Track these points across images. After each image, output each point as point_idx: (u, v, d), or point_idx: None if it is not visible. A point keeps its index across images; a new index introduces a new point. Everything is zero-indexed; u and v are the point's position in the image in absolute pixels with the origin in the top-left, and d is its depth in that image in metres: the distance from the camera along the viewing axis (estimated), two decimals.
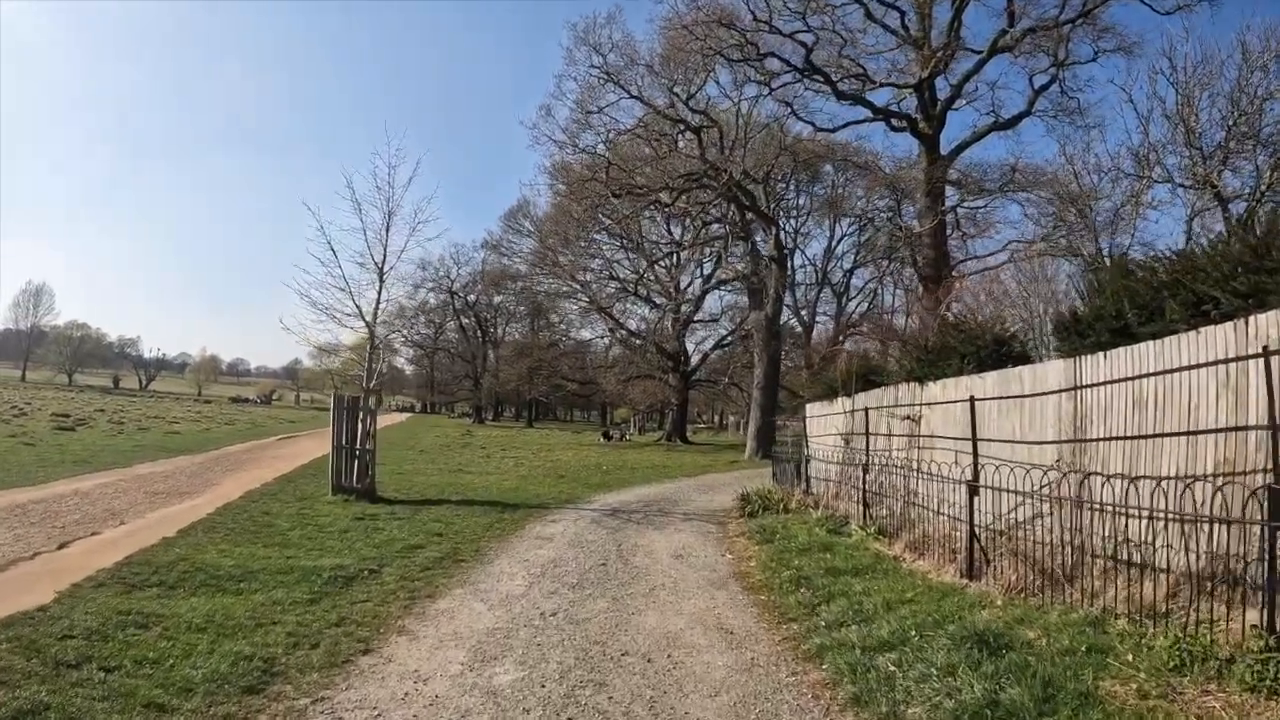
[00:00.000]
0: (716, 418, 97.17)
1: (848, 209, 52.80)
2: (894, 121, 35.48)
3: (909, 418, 13.33)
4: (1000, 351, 11.55)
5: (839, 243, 54.83)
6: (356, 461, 16.71)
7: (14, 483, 16.44)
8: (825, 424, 18.41)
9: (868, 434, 14.82)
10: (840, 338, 53.91)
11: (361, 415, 16.94)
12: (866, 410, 15.02)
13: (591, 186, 41.00)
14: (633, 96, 37.95)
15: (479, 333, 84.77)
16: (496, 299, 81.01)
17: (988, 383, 10.88)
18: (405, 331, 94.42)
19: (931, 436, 12.47)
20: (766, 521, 14.63)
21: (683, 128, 38.90)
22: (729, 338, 58.69)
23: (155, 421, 46.85)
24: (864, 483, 13.58)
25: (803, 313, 55.42)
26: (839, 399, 17.48)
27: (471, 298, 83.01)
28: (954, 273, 33.70)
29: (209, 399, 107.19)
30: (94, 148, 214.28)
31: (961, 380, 11.68)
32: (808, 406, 20.85)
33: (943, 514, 10.56)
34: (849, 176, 49.32)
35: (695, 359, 59.50)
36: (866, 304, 55.92)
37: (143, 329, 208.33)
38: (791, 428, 24.97)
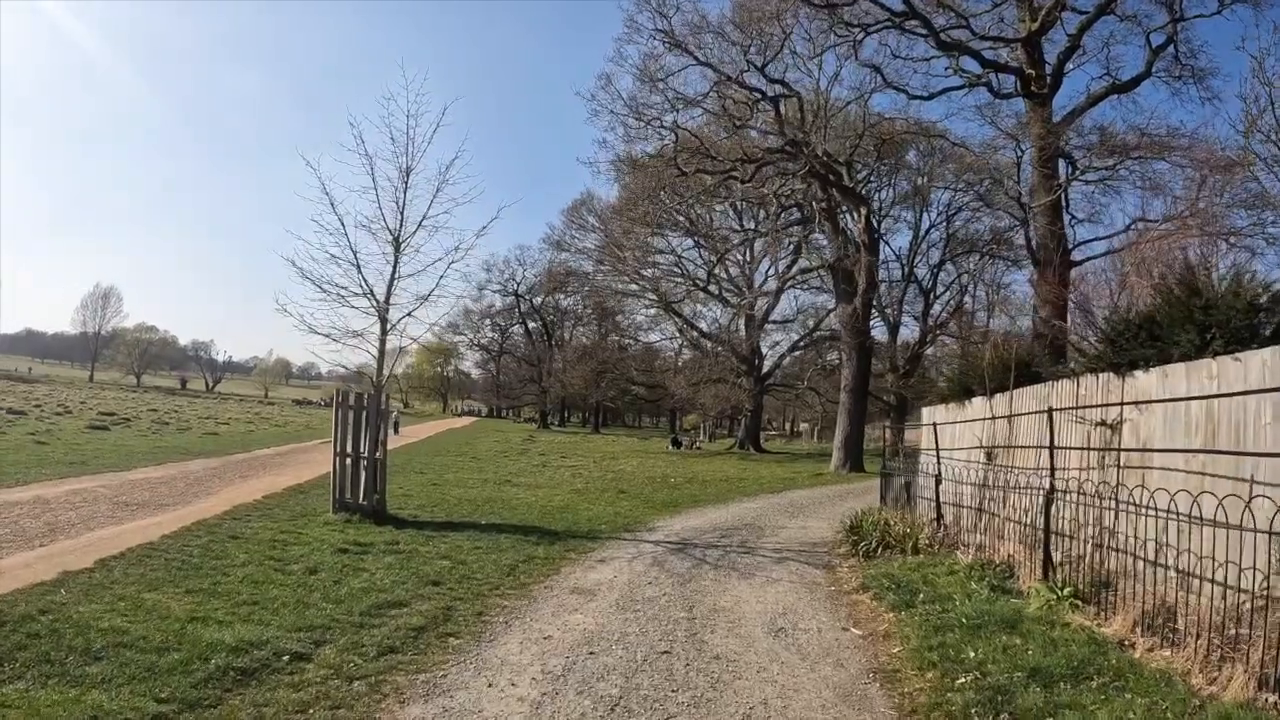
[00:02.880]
0: (787, 424, 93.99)
1: (935, 199, 49.44)
2: (999, 81, 31.23)
3: (1104, 423, 9.57)
4: (1252, 324, 7.82)
5: (925, 235, 51.20)
6: (364, 473, 13.87)
7: None
8: (956, 433, 14.50)
9: (1053, 446, 10.72)
10: (928, 339, 51.52)
11: (369, 417, 14.09)
12: (1050, 412, 10.90)
13: (657, 166, 38.01)
14: (701, 63, 34.59)
15: (545, 336, 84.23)
16: (563, 301, 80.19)
17: (1253, 366, 7.17)
18: (470, 335, 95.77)
19: (1145, 450, 8.69)
20: (894, 568, 10.91)
21: (759, 97, 35.40)
22: (806, 339, 55.88)
23: (205, 422, 46.63)
24: (1047, 518, 9.73)
25: (888, 311, 51.69)
26: (973, 401, 13.78)
27: (537, 300, 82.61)
28: (1071, 256, 30.48)
29: (273, 401, 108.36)
30: (160, 153, 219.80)
31: (1201, 365, 7.92)
32: (926, 411, 17.02)
33: (1194, 575, 6.90)
34: (937, 161, 45.48)
35: (770, 362, 56.67)
36: (955, 302, 52.48)
37: (216, 333, 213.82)
38: (894, 436, 21.26)
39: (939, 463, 13.98)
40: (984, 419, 13.07)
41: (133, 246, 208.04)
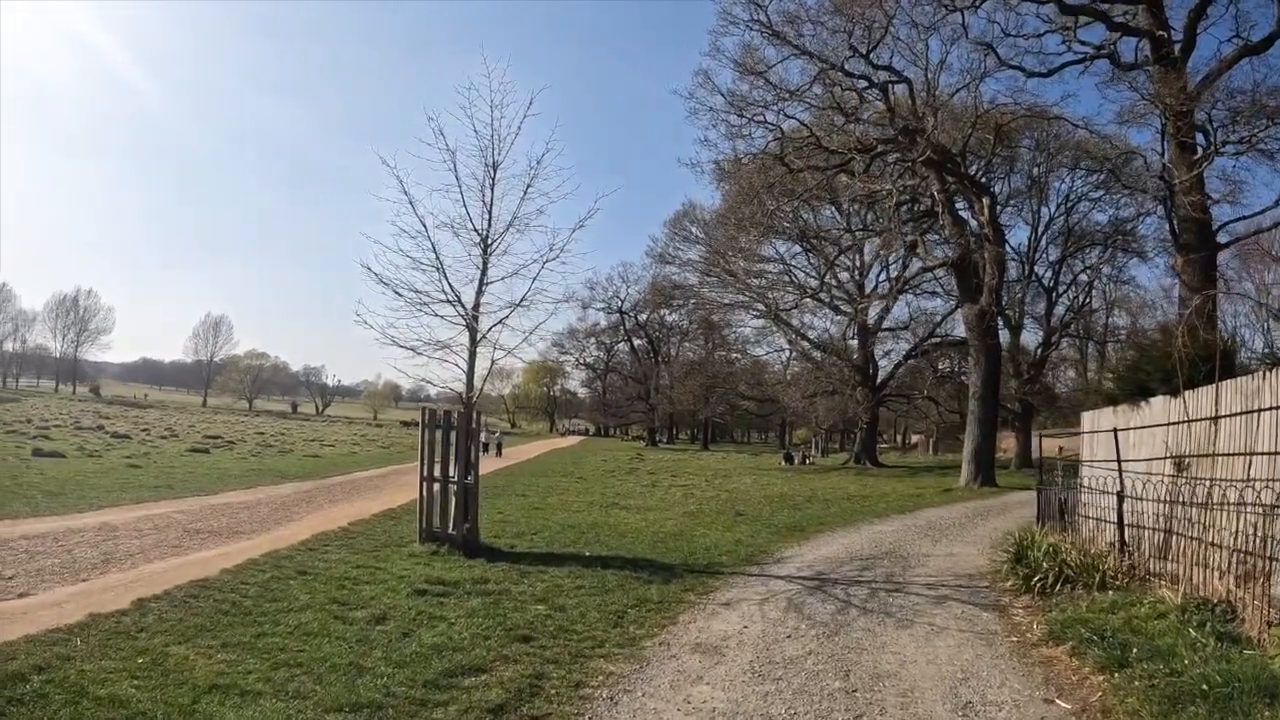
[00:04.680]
0: (899, 437, 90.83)
1: (1054, 189, 47.05)
2: (1123, 50, 28.74)
3: None
4: None
5: (1045, 229, 48.49)
6: (454, 500, 12.56)
7: (53, 509, 14.84)
8: (1131, 441, 12.28)
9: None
10: (1052, 341, 49.22)
11: (460, 437, 12.83)
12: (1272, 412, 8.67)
13: (763, 163, 36.24)
14: (803, 52, 32.77)
15: (651, 352, 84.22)
16: (668, 317, 79.76)
17: None
18: (576, 354, 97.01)
19: None
20: (1083, 609, 8.91)
21: (866, 84, 33.41)
22: (920, 345, 53.08)
23: (310, 444, 46.85)
24: None
25: (1009, 313, 48.58)
26: (1152, 402, 11.54)
27: (642, 317, 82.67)
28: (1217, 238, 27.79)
29: (381, 423, 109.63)
30: (267, 183, 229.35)
31: None
32: (1088, 417, 14.80)
33: None
34: (1054, 149, 43.24)
35: (884, 371, 54.28)
36: (1079, 300, 49.96)
37: (327, 359, 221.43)
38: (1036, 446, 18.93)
39: (1120, 476, 11.74)
40: (1171, 423, 10.86)
41: (243, 278, 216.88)
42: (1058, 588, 10.26)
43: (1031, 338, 50.81)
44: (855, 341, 51.48)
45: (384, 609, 8.45)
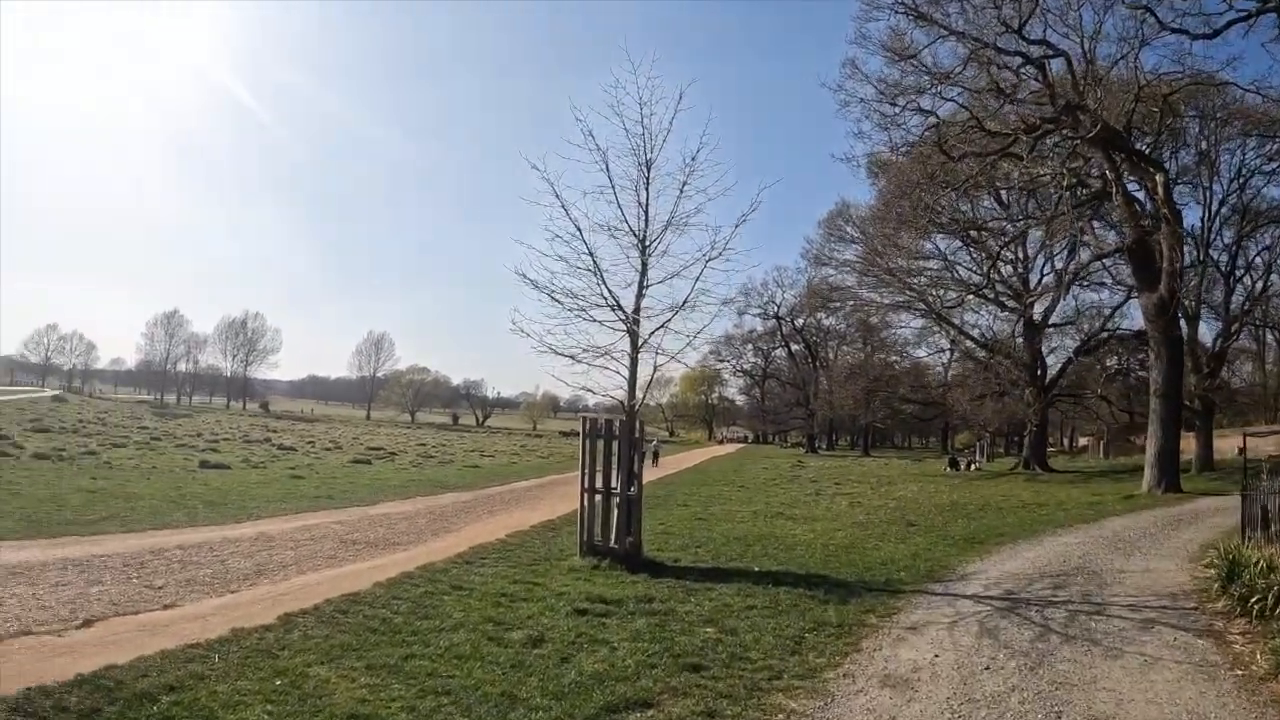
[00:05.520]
0: (1066, 439, 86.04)
1: (1224, 163, 42.75)
2: None
3: None
4: None
5: (1219, 209, 44.11)
6: (616, 512, 12.01)
7: (212, 520, 15.09)
8: None
9: None
10: (1231, 331, 45.28)
11: (622, 446, 12.28)
12: None
13: (920, 152, 34.73)
14: (952, 32, 30.99)
15: (809, 357, 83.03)
16: (825, 320, 78.11)
17: None
18: (733, 361, 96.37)
19: None
20: None
21: (1021, 61, 31.33)
22: (1091, 340, 49.87)
23: (470, 455, 47.68)
24: None
25: (1186, 303, 44.83)
26: None
27: (799, 321, 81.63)
28: None
29: (540, 433, 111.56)
30: (426, 208, 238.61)
31: None
32: None
33: None
34: (1221, 120, 39.58)
35: (1053, 369, 51.29)
36: (1260, 284, 45.47)
37: (486, 373, 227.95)
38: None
39: None
40: None
41: (404, 297, 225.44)
42: (1279, 610, 8.89)
43: (1206, 329, 46.91)
44: (1022, 339, 48.89)
45: (542, 630, 7.89)
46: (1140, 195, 34.16)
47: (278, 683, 6.04)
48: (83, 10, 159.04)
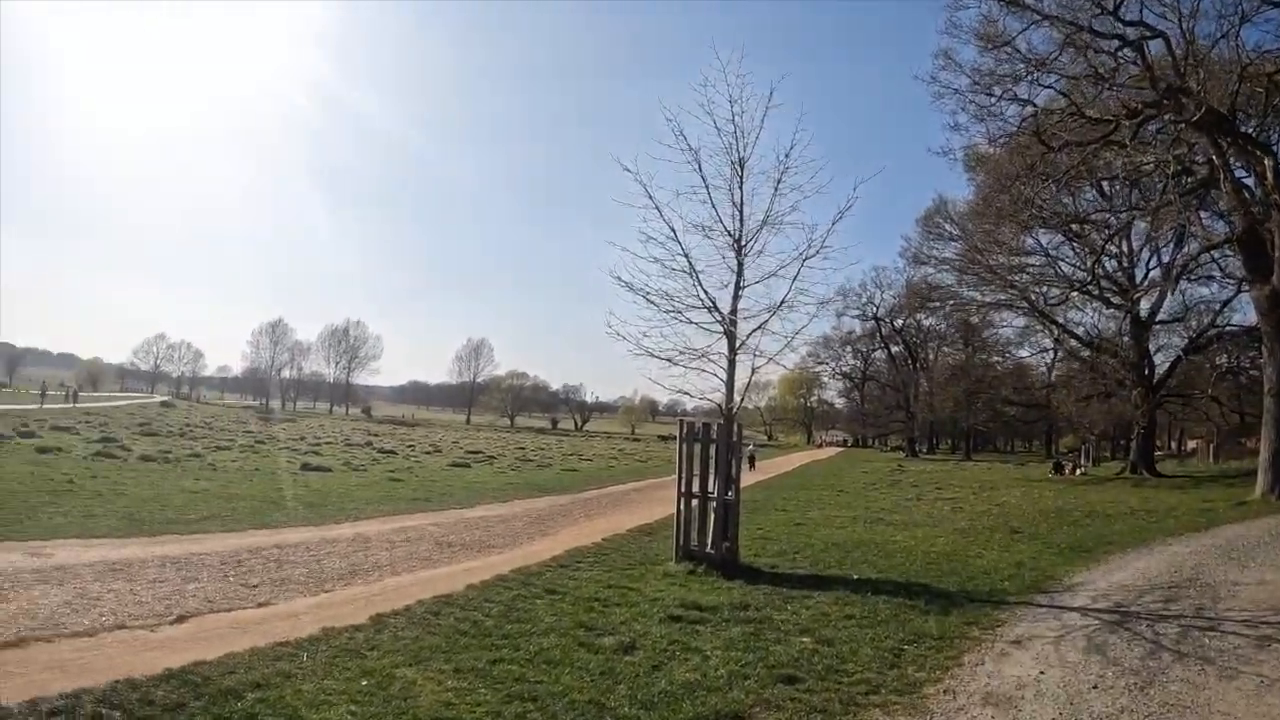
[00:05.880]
0: (1174, 441, 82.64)
1: None
2: None
3: None
4: None
5: None
6: (713, 517, 11.88)
7: (310, 520, 15.38)
8: None
9: None
10: None
11: (719, 450, 12.13)
12: None
13: (1019, 143, 33.62)
14: (1044, 16, 29.83)
15: (908, 359, 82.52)
16: (924, 321, 77.46)
17: None
18: (832, 363, 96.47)
19: None
20: None
21: (1118, 44, 29.95)
22: (1202, 336, 47.33)
23: (569, 458, 47.94)
24: None
25: None
26: None
27: (898, 322, 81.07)
28: None
29: (638, 437, 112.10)
30: (521, 214, 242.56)
31: None
32: None
33: None
34: None
35: (1161, 369, 49.09)
36: None
37: (585, 378, 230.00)
38: None
39: None
40: None
41: (502, 303, 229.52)
42: None
43: None
44: (1128, 337, 47.16)
45: (634, 636, 7.75)
46: (1250, 181, 32.64)
47: (364, 683, 6.03)
48: (187, 27, 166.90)
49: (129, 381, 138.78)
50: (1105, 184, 43.16)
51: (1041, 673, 7.33)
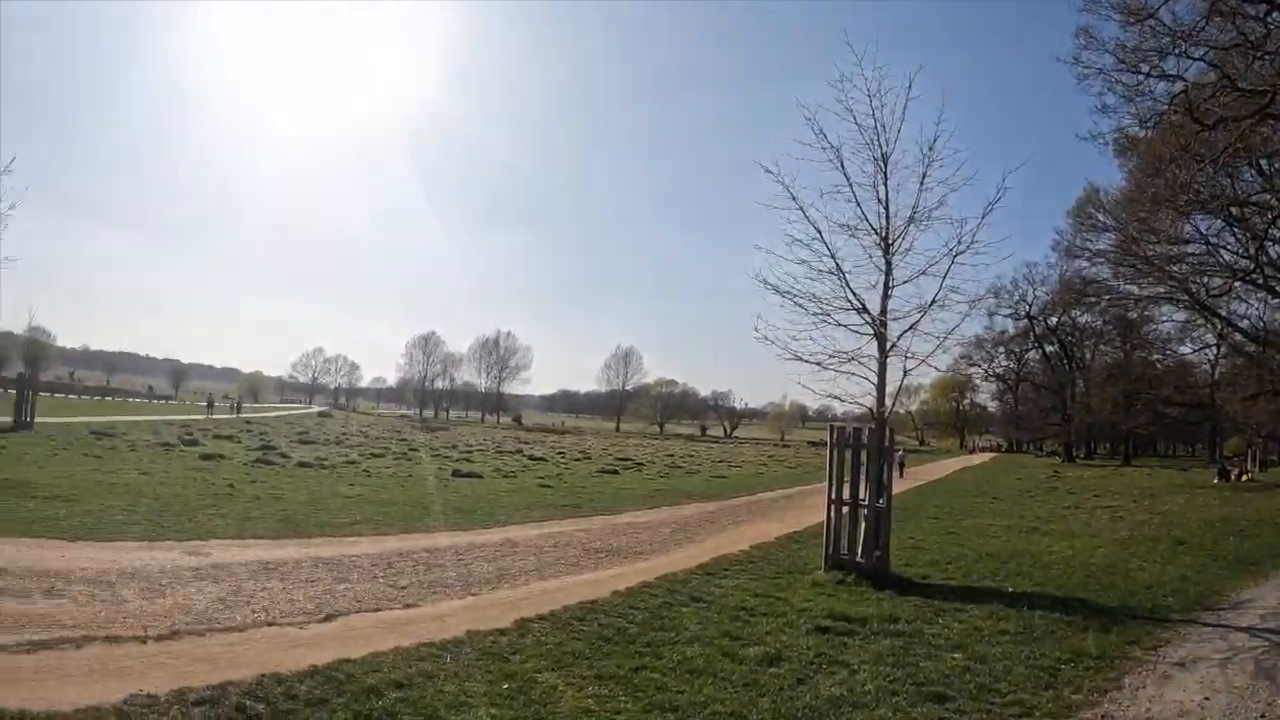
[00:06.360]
0: None
1: None
2: None
3: None
4: None
5: None
6: (864, 524, 11.61)
7: (460, 525, 15.69)
8: None
9: None
10: None
11: (870, 456, 11.85)
12: None
13: (1171, 122, 31.07)
14: None
15: (1064, 359, 79.44)
16: (1080, 317, 73.88)
17: None
18: (984, 365, 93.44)
19: None
20: None
21: (1267, 8, 27.10)
22: None
23: (718, 465, 48.19)
24: None
25: None
26: None
27: (1052, 320, 77.82)
28: None
29: (788, 443, 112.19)
30: (662, 224, 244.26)
31: None
32: None
33: None
34: None
35: None
36: None
37: (734, 384, 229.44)
38: None
39: None
40: None
41: (649, 312, 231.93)
42: None
43: None
44: None
45: (779, 647, 7.61)
46: None
47: (505, 686, 6.09)
48: (339, 49, 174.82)
49: (288, 393, 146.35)
50: (1264, 162, 40.59)
51: (1206, 699, 6.88)
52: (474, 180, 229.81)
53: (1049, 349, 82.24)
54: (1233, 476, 42.35)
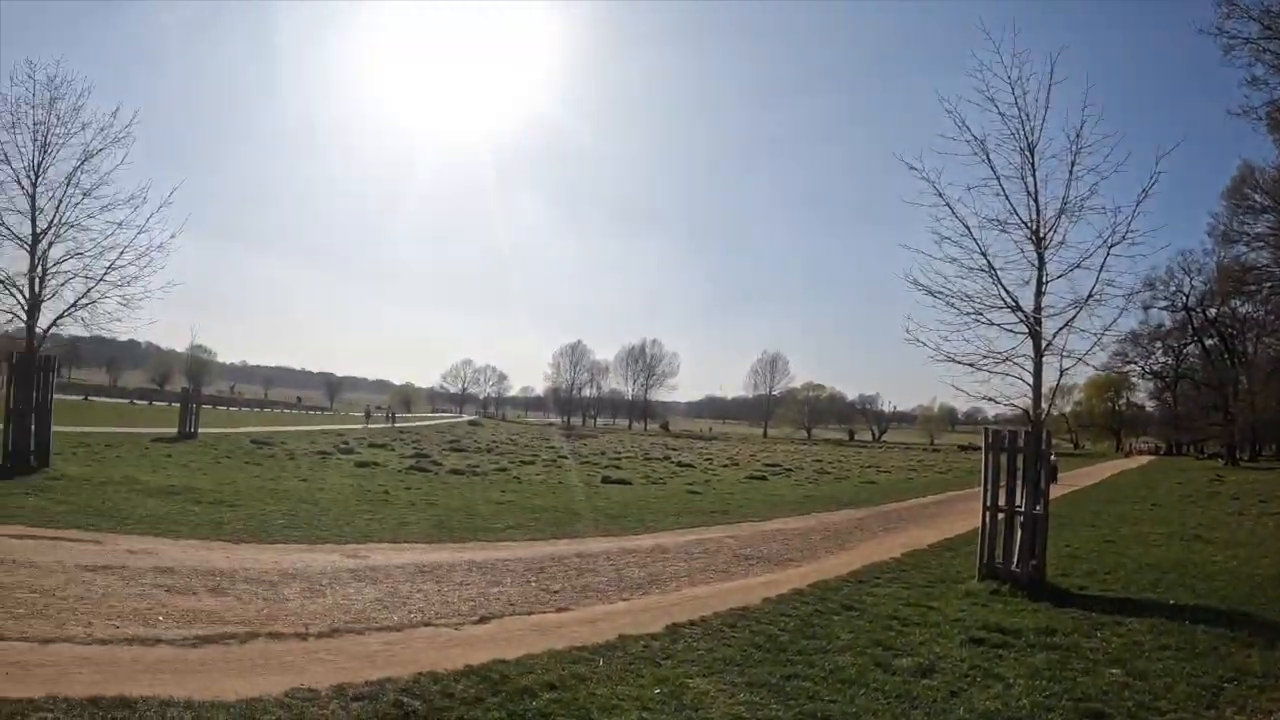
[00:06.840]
0: None
1: None
2: None
3: None
4: None
5: None
6: (1019, 532, 11.31)
7: (610, 531, 15.93)
8: None
9: None
10: None
11: (1027, 461, 11.56)
12: None
13: None
14: None
15: (1225, 353, 73.90)
16: (1241, 307, 68.68)
17: None
18: (1141, 362, 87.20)
19: None
20: None
21: None
22: None
23: (866, 470, 47.73)
24: None
25: None
26: None
27: (1211, 311, 72.53)
28: None
29: (938, 448, 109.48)
30: (804, 229, 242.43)
31: None
32: None
33: None
34: None
35: None
36: None
37: (881, 387, 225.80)
38: None
39: None
40: None
41: (795, 316, 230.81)
42: None
43: None
44: None
45: (932, 658, 7.52)
46: None
47: (656, 691, 6.20)
48: (474, 65, 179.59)
49: (439, 403, 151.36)
50: None
51: None
52: (613, 192, 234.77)
53: (1209, 343, 77.11)
54: None
